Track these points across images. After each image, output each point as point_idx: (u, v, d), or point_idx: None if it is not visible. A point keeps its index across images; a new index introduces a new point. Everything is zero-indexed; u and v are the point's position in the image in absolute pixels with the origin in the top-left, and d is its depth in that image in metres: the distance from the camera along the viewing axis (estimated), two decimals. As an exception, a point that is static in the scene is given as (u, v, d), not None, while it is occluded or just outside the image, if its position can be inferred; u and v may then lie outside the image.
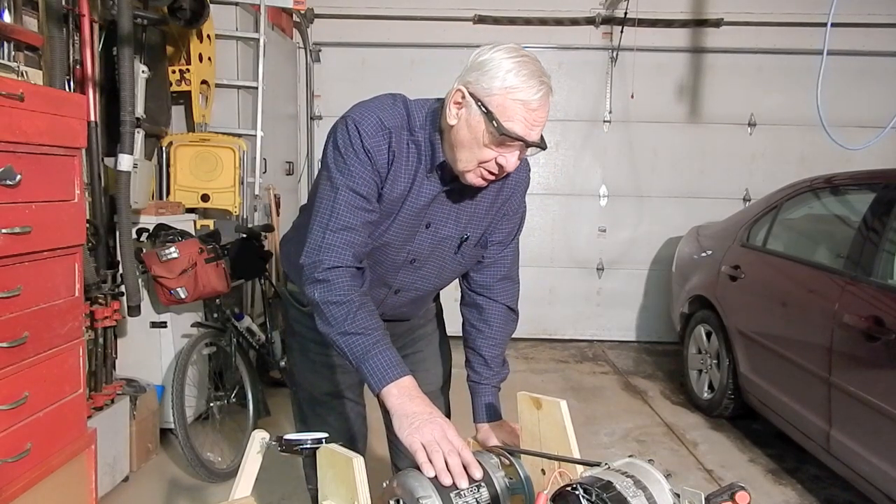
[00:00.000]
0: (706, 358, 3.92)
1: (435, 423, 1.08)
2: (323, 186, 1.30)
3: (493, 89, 1.17)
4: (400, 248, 1.40)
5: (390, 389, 1.15)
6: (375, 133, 1.26)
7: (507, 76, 1.16)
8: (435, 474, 1.01)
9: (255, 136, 4.04)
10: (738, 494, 0.81)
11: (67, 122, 2.00)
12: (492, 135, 1.19)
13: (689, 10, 5.28)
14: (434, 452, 1.03)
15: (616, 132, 5.48)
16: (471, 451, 1.08)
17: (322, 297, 1.23)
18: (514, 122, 1.17)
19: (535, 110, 1.17)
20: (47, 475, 1.97)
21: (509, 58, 1.18)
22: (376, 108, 1.30)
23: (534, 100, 1.16)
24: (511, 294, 1.52)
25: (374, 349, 1.18)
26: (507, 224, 1.47)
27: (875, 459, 2.39)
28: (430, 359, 1.67)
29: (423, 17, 5.21)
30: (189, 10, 3.42)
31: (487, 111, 1.18)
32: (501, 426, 1.38)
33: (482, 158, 1.22)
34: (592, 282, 5.64)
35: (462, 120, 1.22)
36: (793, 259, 3.28)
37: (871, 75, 5.23)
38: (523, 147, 1.22)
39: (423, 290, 1.52)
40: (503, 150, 1.21)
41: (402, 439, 1.09)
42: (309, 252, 1.27)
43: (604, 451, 3.31)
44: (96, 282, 2.60)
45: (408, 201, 1.33)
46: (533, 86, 1.16)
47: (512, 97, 1.16)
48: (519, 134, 1.18)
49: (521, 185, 1.45)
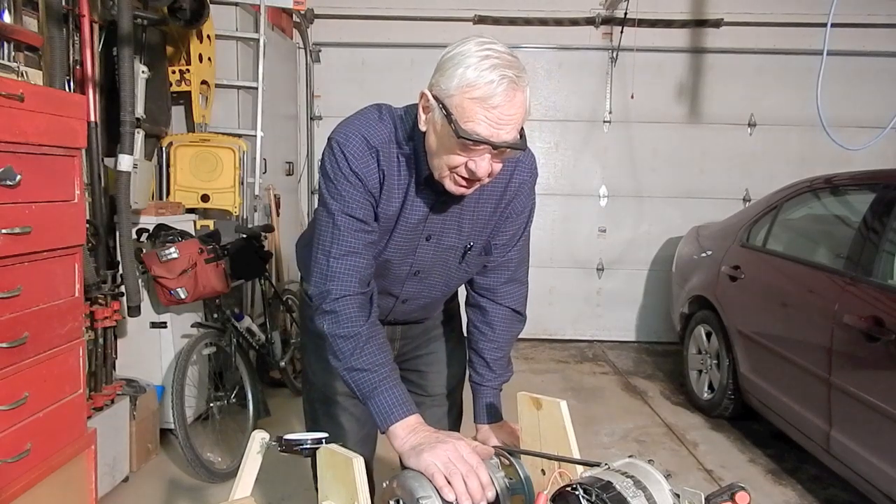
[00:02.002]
0: (706, 358, 3.92)
1: (447, 443, 1.05)
2: (320, 214, 1.29)
3: (451, 89, 1.08)
4: (402, 262, 1.37)
5: (395, 430, 1.14)
6: (362, 154, 1.22)
7: (465, 73, 1.06)
8: (455, 498, 0.98)
9: (255, 137, 4.04)
10: (738, 494, 0.80)
11: (67, 122, 2.00)
12: (454, 139, 1.09)
13: (689, 11, 5.28)
14: (453, 475, 1.00)
15: (616, 132, 5.48)
16: (485, 469, 1.04)
17: (330, 330, 1.23)
18: (475, 122, 1.07)
19: (497, 108, 1.06)
20: (47, 475, 1.97)
21: (470, 53, 1.08)
22: (361, 125, 1.25)
23: (494, 96, 1.05)
24: (517, 297, 1.48)
25: (382, 386, 1.17)
26: (510, 226, 1.40)
27: (875, 459, 2.39)
28: (443, 360, 1.65)
29: (422, 18, 5.22)
30: (189, 10, 3.42)
31: (448, 113, 1.08)
32: (502, 427, 1.38)
33: (451, 164, 1.14)
34: (592, 282, 5.65)
35: (430, 125, 1.16)
36: (793, 259, 3.28)
37: (871, 75, 5.23)
38: (492, 150, 1.10)
39: (430, 297, 1.50)
40: (471, 155, 1.11)
41: (415, 467, 1.04)
42: (316, 282, 1.26)
43: (604, 451, 3.31)
44: (96, 282, 2.60)
45: (402, 216, 1.29)
46: (492, 81, 1.05)
47: (469, 96, 1.06)
48: (482, 136, 1.07)
49: (525, 184, 1.37)
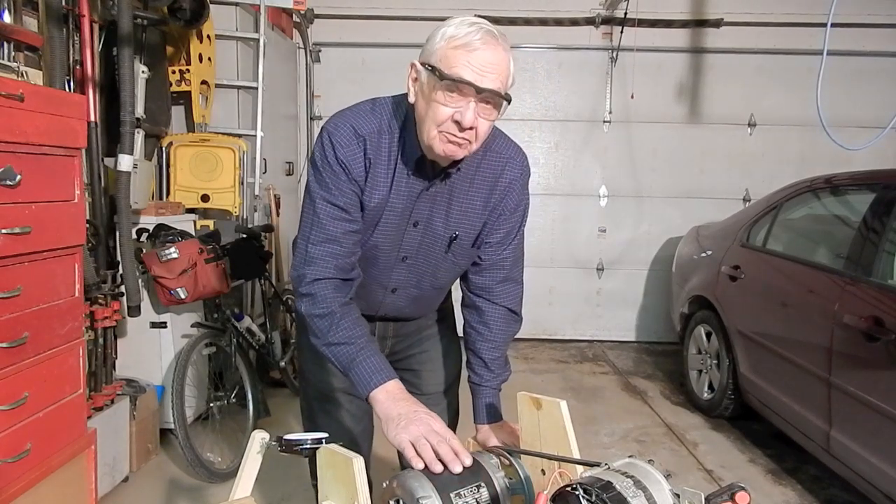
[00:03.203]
0: (706, 358, 3.92)
1: (419, 420, 1.10)
2: (305, 201, 1.34)
3: (435, 46, 1.17)
4: (391, 247, 1.40)
5: (377, 395, 1.18)
6: (349, 143, 1.27)
7: (447, 30, 1.17)
8: (425, 465, 1.02)
9: (255, 137, 4.05)
10: (738, 494, 0.80)
11: (67, 122, 2.00)
12: (439, 86, 1.15)
13: (689, 11, 5.29)
14: (422, 446, 1.05)
15: (616, 132, 5.48)
16: (459, 441, 1.08)
17: (307, 311, 1.29)
18: (459, 67, 1.14)
19: (479, 51, 1.14)
20: (47, 475, 1.97)
21: (453, 22, 1.18)
22: (351, 116, 1.31)
23: (474, 41, 1.14)
24: (512, 296, 1.48)
25: (360, 356, 1.21)
26: (504, 223, 1.42)
27: (875, 459, 2.39)
28: (437, 359, 1.66)
29: (423, 17, 5.21)
30: (189, 10, 3.42)
31: (432, 68, 1.16)
32: (501, 427, 1.38)
33: (438, 120, 1.18)
34: (592, 282, 5.65)
35: (418, 92, 1.22)
36: (793, 259, 3.28)
37: (871, 75, 5.23)
38: (476, 96, 1.15)
39: (420, 289, 1.51)
40: (455, 102, 1.16)
41: (390, 441, 1.11)
42: (295, 265, 1.33)
43: (604, 451, 3.31)
44: (96, 282, 2.60)
45: (391, 201, 1.33)
46: (472, 31, 1.15)
47: (451, 45, 1.15)
48: (465, 78, 1.13)
49: (515, 182, 1.39)
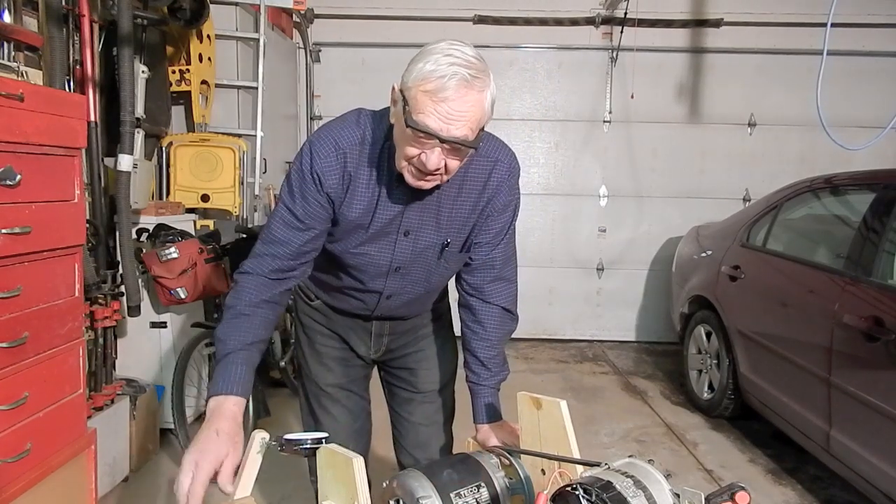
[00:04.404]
0: (706, 358, 3.92)
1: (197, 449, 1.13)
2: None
3: (409, 81, 1.12)
4: (381, 258, 1.40)
5: (212, 402, 1.20)
6: (328, 156, 1.28)
7: (423, 67, 1.10)
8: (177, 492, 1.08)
9: (255, 136, 4.04)
10: (738, 494, 0.81)
11: (67, 122, 1.99)
12: (406, 129, 1.12)
13: (689, 11, 5.29)
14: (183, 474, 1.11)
15: (616, 132, 5.48)
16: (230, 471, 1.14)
17: (229, 296, 1.33)
18: (426, 115, 1.09)
19: (447, 101, 1.08)
20: (47, 475, 1.97)
21: (436, 50, 1.11)
22: (336, 128, 1.31)
23: (444, 90, 1.08)
24: (505, 295, 1.48)
25: (225, 360, 1.23)
26: (493, 224, 1.41)
27: (875, 459, 2.39)
28: (432, 357, 1.66)
29: (422, 17, 5.21)
30: (189, 10, 3.42)
31: (405, 105, 1.12)
32: (501, 426, 1.38)
33: (407, 155, 1.17)
34: (592, 282, 5.64)
35: (396, 117, 1.19)
36: (793, 259, 3.28)
37: (871, 75, 5.23)
38: (441, 145, 1.12)
39: (414, 293, 1.51)
40: (423, 147, 1.14)
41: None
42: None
43: (604, 451, 3.31)
44: (96, 282, 2.60)
45: (377, 213, 1.33)
46: (444, 76, 1.08)
47: (422, 88, 1.09)
48: (430, 128, 1.09)
49: (503, 183, 1.38)
